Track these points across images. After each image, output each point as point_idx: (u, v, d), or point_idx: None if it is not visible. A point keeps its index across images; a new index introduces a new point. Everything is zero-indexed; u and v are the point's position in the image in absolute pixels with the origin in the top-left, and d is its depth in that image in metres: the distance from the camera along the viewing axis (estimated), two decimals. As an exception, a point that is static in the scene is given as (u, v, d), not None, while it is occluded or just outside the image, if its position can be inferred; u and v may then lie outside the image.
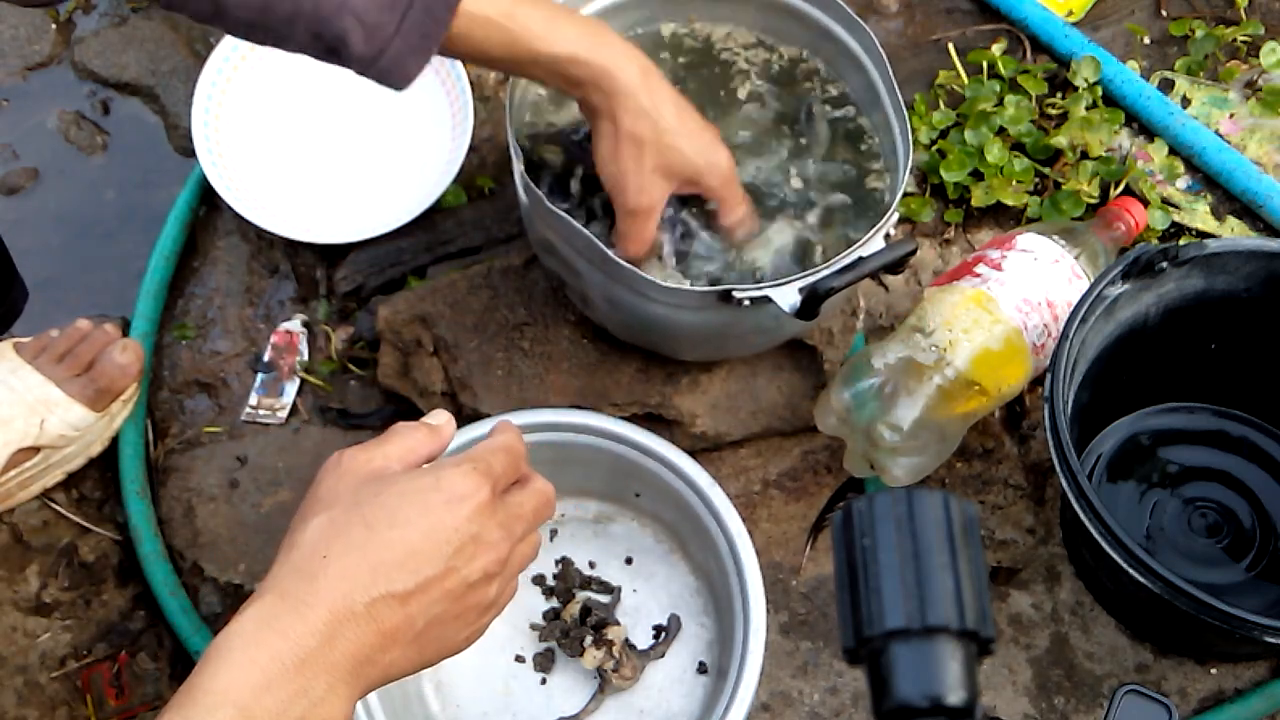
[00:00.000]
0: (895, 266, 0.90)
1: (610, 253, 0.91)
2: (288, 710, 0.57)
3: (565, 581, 1.03)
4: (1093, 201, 1.17)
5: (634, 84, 0.89)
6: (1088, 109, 1.20)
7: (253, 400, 1.17)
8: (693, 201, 0.99)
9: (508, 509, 0.67)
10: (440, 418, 0.72)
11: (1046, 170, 1.19)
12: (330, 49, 0.84)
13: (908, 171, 0.96)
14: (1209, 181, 1.20)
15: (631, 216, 0.93)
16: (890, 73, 1.00)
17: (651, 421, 1.06)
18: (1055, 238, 1.05)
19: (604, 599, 1.02)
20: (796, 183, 1.02)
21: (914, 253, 0.89)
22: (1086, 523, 0.87)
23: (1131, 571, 0.85)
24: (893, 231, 0.94)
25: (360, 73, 0.86)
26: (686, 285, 0.95)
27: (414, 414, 1.13)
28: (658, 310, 0.95)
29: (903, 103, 0.99)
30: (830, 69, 1.06)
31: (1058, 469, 0.89)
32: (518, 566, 0.69)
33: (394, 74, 0.85)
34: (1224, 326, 1.01)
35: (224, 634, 0.59)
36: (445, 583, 0.63)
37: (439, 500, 0.63)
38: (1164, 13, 1.30)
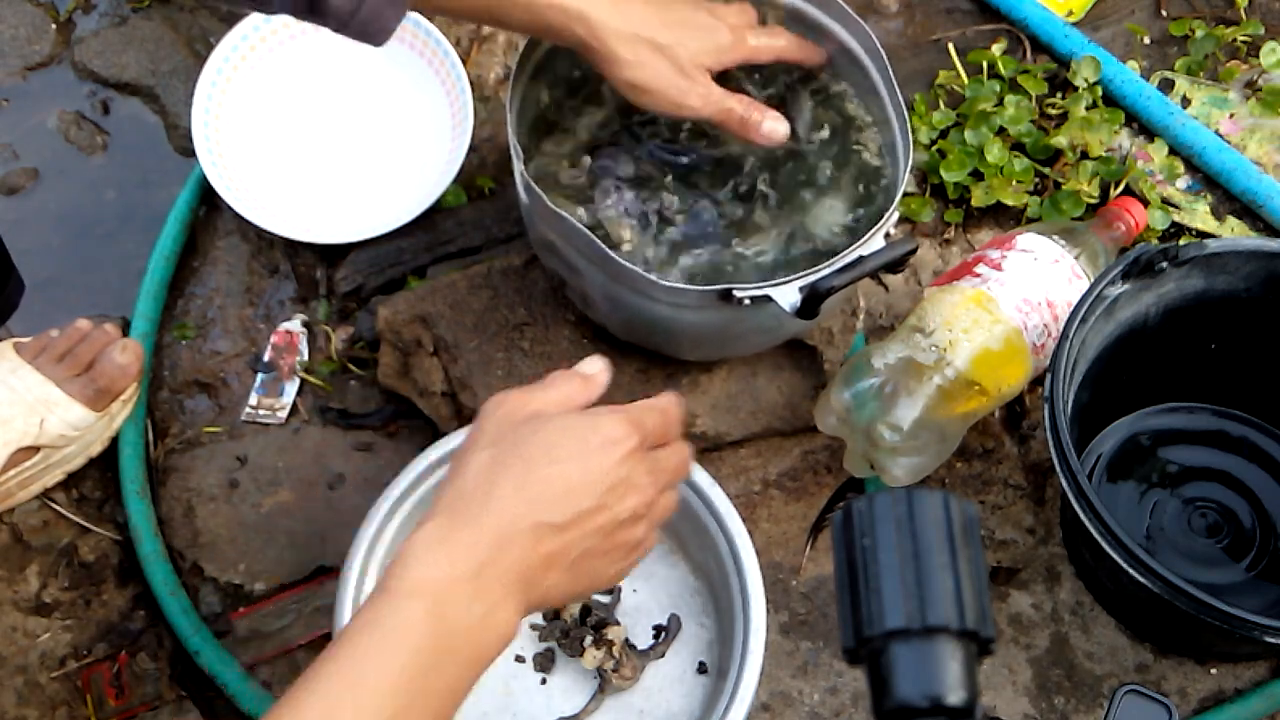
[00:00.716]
0: (896, 265, 0.90)
1: (611, 252, 0.91)
2: (471, 606, 0.63)
3: (565, 581, 1.03)
4: (1093, 201, 1.17)
5: (609, 15, 0.90)
6: (1088, 109, 1.20)
7: (253, 400, 1.17)
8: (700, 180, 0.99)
9: (654, 460, 0.72)
10: (595, 365, 0.76)
11: (1046, 170, 1.19)
12: (310, 3, 0.84)
13: (908, 171, 0.96)
14: (1209, 181, 1.20)
15: (715, 117, 0.95)
16: (891, 72, 1.00)
17: (651, 421, 1.06)
18: (1055, 238, 1.05)
19: (604, 599, 1.02)
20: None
21: (914, 252, 0.89)
22: (1086, 523, 0.87)
23: (1131, 571, 0.85)
24: (893, 231, 0.94)
25: (338, 29, 0.86)
26: (689, 285, 0.95)
27: (414, 414, 1.13)
28: (659, 309, 0.95)
29: (903, 102, 0.99)
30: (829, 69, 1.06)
31: (1058, 469, 0.89)
32: (660, 515, 0.73)
33: (372, 26, 0.86)
34: (1224, 326, 1.01)
35: (404, 547, 0.64)
36: (597, 518, 0.68)
37: (595, 442, 0.68)
38: (1164, 13, 1.30)
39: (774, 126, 0.97)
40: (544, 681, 1.00)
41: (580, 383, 0.74)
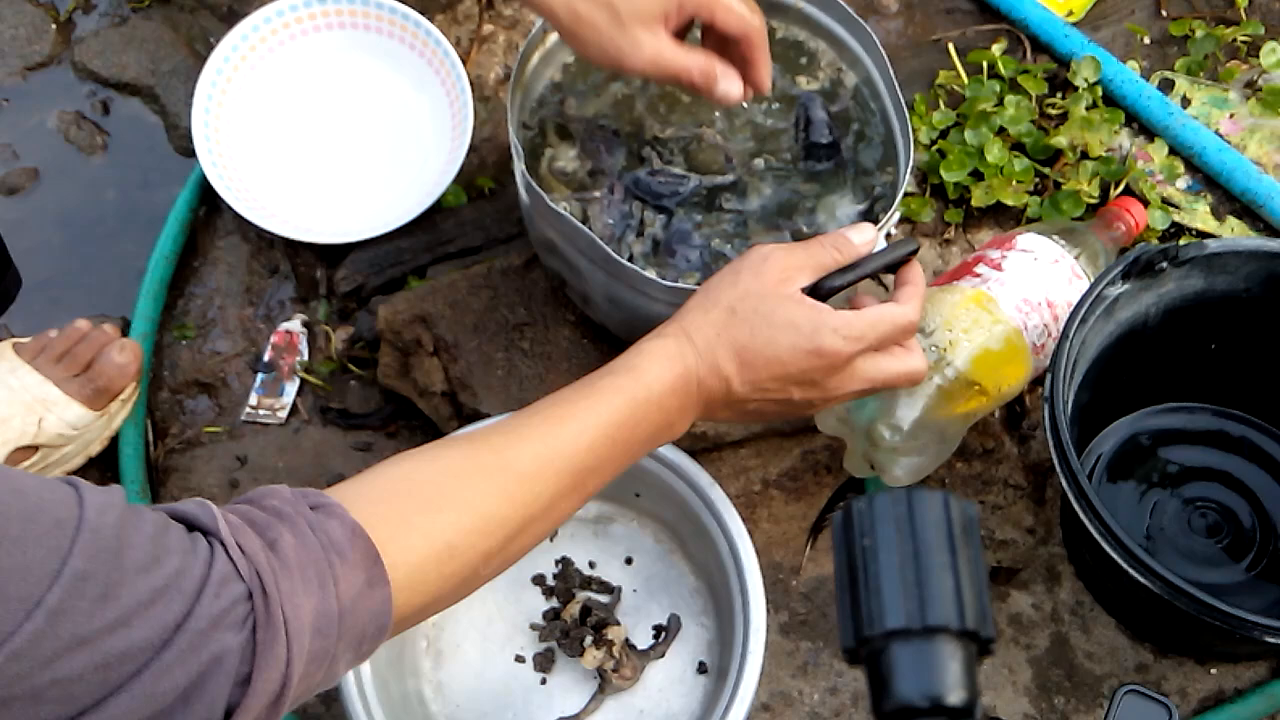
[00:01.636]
0: (897, 266, 0.89)
1: (611, 252, 0.91)
2: (673, 411, 0.79)
3: (565, 581, 1.03)
4: (1093, 201, 1.17)
5: None
6: (1088, 109, 1.20)
7: (253, 400, 1.17)
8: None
9: (855, 372, 0.82)
10: (863, 235, 0.86)
11: (1046, 170, 1.19)
12: None
13: (908, 171, 0.96)
14: (1209, 181, 1.20)
15: (664, 78, 0.91)
16: (891, 72, 1.00)
17: (651, 421, 1.06)
18: (1055, 238, 1.04)
19: (604, 599, 1.02)
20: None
21: (915, 252, 0.88)
22: (1086, 523, 0.87)
23: (1131, 571, 0.85)
24: (894, 231, 0.94)
25: None
26: (689, 285, 0.95)
27: (414, 414, 1.13)
28: (658, 309, 0.95)
29: (904, 102, 0.99)
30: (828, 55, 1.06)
31: (1058, 469, 0.89)
32: (839, 401, 0.84)
33: None
34: (1224, 326, 1.01)
35: (655, 343, 0.80)
36: (778, 395, 0.82)
37: (810, 348, 0.79)
38: (1164, 13, 1.30)
39: (728, 88, 0.93)
40: (544, 681, 1.00)
41: (838, 254, 0.84)
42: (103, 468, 1.14)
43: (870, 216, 1.00)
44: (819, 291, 0.88)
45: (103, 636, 0.53)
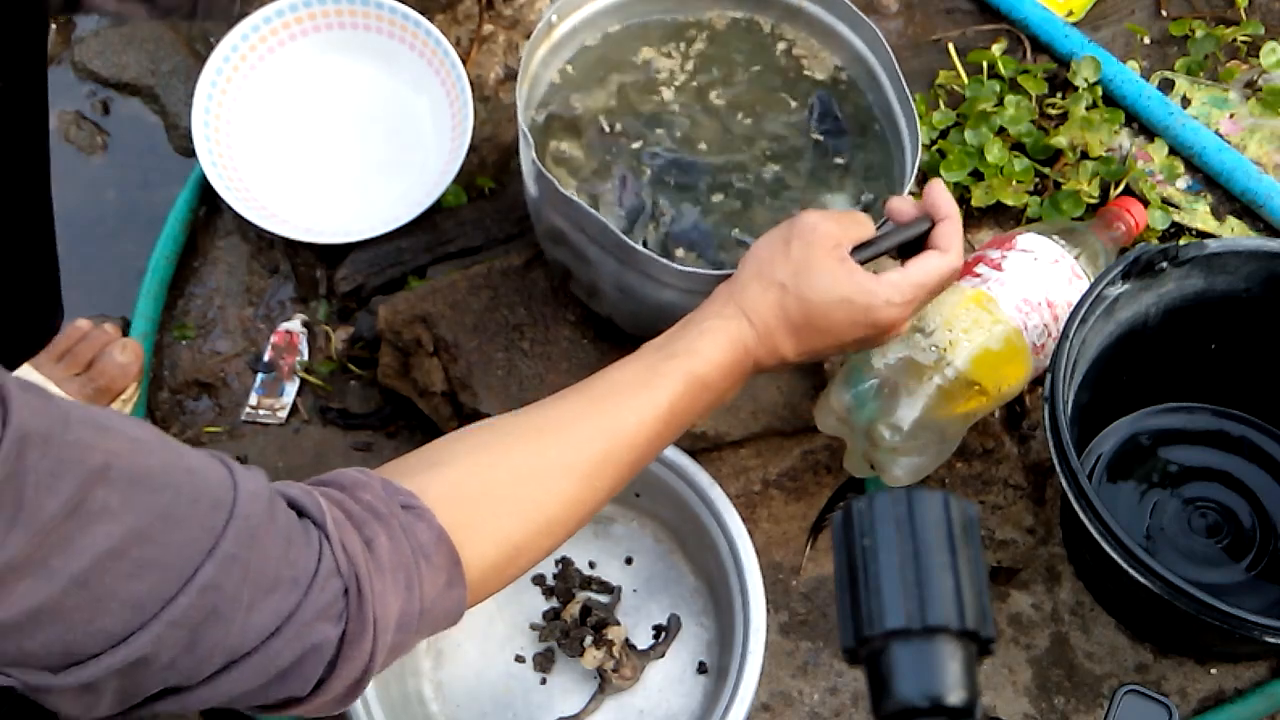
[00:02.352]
0: (913, 244, 0.88)
1: (625, 237, 0.91)
2: (721, 390, 0.82)
3: (565, 581, 1.03)
4: (1093, 201, 1.17)
5: None
6: (1088, 109, 1.20)
7: (253, 400, 1.17)
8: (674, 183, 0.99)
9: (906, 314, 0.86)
10: (903, 203, 0.88)
11: (1046, 170, 1.19)
12: None
13: (915, 166, 0.96)
14: (1209, 181, 1.20)
15: None
16: (898, 69, 1.00)
17: (651, 421, 1.06)
18: (1055, 238, 1.05)
19: (604, 599, 1.02)
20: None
21: (930, 230, 0.87)
22: (1086, 523, 0.87)
23: (1131, 571, 0.85)
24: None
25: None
26: (702, 270, 0.95)
27: (414, 414, 1.13)
28: (668, 295, 0.94)
29: (910, 100, 0.99)
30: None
31: (1058, 469, 0.89)
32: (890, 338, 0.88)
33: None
34: (1224, 326, 1.01)
35: (716, 323, 0.82)
36: (833, 351, 0.87)
37: (864, 323, 0.83)
38: (1164, 13, 1.30)
39: None
40: (544, 681, 1.00)
41: (871, 226, 0.87)
42: (103, 468, 1.14)
43: (870, 208, 1.00)
44: None
45: (236, 615, 0.59)
